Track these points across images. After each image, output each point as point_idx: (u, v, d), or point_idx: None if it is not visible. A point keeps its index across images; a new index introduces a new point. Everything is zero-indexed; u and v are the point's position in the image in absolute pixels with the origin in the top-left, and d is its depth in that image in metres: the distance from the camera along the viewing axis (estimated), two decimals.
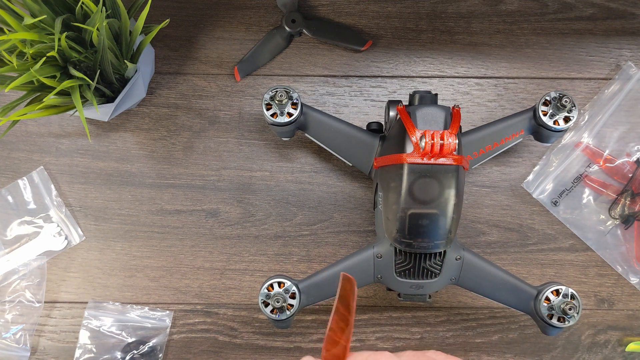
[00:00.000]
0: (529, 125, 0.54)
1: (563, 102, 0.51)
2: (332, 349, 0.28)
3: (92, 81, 0.48)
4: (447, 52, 0.63)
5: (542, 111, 0.52)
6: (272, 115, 0.53)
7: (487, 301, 0.58)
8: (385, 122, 0.53)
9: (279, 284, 0.51)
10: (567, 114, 0.52)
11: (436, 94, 0.52)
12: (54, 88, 0.48)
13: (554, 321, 0.49)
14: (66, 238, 0.60)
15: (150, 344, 0.58)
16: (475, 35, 0.63)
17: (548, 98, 0.52)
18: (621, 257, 0.60)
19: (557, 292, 0.50)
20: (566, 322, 0.49)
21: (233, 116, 0.62)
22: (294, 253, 0.60)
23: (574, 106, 0.52)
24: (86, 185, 0.61)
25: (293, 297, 0.51)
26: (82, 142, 0.62)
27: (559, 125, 0.52)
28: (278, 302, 0.49)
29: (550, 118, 0.52)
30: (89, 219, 0.61)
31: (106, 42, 0.47)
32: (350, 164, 0.56)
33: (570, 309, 0.48)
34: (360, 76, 0.63)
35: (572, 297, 0.50)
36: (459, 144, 0.48)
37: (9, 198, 0.60)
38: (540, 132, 0.53)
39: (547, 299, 0.50)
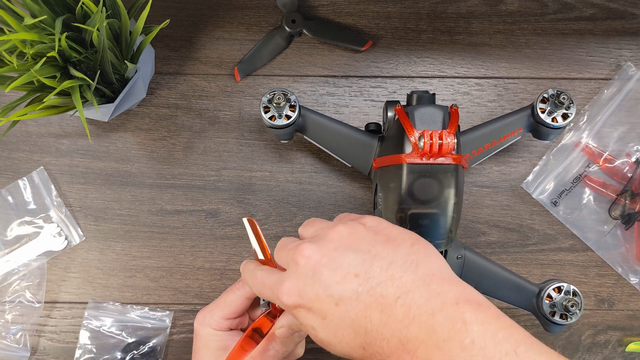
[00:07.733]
0: (527, 122, 0.54)
1: (561, 99, 0.51)
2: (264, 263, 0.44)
3: (92, 81, 0.49)
4: (447, 52, 0.63)
5: (540, 108, 0.52)
6: (270, 118, 0.53)
7: None
8: (384, 123, 0.53)
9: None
10: (565, 111, 0.52)
11: (434, 94, 0.51)
12: (54, 88, 0.48)
13: (557, 318, 0.49)
14: (66, 238, 0.60)
15: (150, 344, 0.58)
16: (475, 35, 0.63)
17: (546, 95, 0.52)
18: (621, 258, 0.60)
19: (559, 289, 0.50)
20: (568, 319, 0.49)
21: (233, 116, 0.62)
22: None
23: (572, 103, 0.52)
24: (86, 186, 0.61)
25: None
26: (82, 142, 0.62)
27: (557, 122, 0.52)
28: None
29: (549, 115, 0.52)
30: (89, 219, 0.61)
31: (106, 43, 0.47)
32: (350, 165, 0.56)
33: (572, 306, 0.48)
34: (360, 76, 0.63)
35: (574, 294, 0.50)
36: (458, 143, 0.48)
37: (9, 198, 0.60)
38: (538, 130, 0.53)
39: (549, 296, 0.50)
